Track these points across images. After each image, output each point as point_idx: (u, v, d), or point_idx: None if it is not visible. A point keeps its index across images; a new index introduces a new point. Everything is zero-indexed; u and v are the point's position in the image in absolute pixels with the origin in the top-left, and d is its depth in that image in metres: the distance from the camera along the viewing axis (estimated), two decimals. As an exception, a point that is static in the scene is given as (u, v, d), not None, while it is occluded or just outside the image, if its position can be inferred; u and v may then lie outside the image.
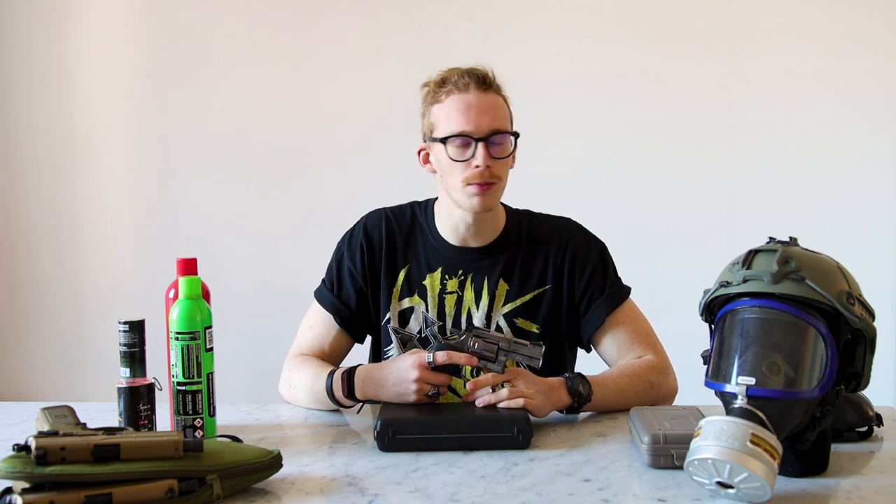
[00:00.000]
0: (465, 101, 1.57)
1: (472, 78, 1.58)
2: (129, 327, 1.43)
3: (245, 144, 3.11)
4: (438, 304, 1.67)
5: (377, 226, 1.72)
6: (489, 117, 1.56)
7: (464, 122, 1.56)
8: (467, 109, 1.56)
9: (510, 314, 1.67)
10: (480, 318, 1.66)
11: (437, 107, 1.60)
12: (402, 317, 1.69)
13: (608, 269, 1.72)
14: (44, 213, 3.18)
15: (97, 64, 3.14)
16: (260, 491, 1.19)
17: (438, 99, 1.60)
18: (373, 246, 1.70)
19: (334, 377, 1.53)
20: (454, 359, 1.43)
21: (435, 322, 1.67)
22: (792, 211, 2.98)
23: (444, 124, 1.58)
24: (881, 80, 2.95)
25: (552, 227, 1.73)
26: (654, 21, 3.00)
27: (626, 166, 3.02)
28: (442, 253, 1.68)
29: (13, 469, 1.05)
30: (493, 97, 1.59)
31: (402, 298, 1.69)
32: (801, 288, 1.16)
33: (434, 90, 1.61)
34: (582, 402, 1.50)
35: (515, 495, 1.17)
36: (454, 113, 1.57)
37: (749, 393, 1.12)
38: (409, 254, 1.70)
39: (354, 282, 1.70)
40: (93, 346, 3.16)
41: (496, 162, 1.57)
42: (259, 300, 3.10)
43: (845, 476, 1.22)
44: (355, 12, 3.05)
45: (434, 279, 1.68)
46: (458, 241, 1.68)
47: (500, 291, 1.67)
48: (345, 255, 1.72)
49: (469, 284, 1.67)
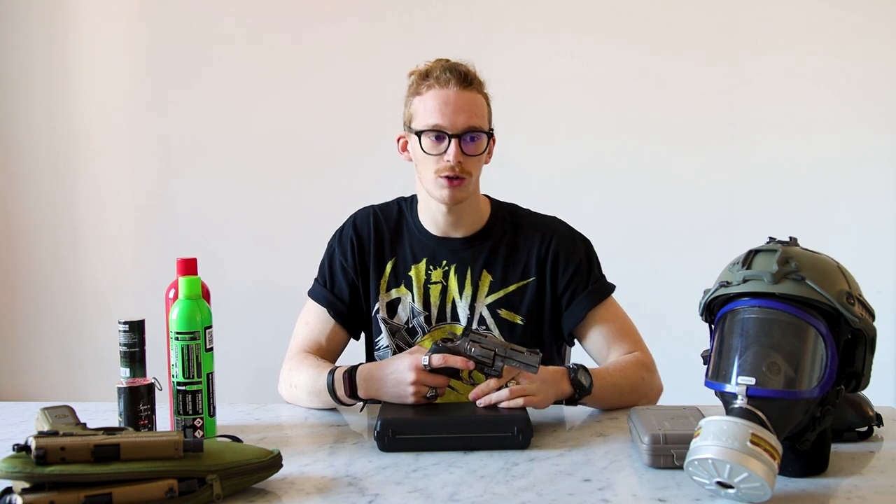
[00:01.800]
0: (444, 96, 1.61)
1: (454, 74, 1.61)
2: (129, 327, 1.43)
3: (245, 144, 3.11)
4: (424, 294, 1.70)
5: (366, 221, 1.76)
6: (465, 115, 1.60)
7: (439, 117, 1.60)
8: (444, 105, 1.60)
9: (493, 305, 1.69)
10: (464, 309, 1.68)
11: (418, 99, 1.64)
12: (390, 307, 1.72)
13: (592, 265, 1.73)
14: (44, 213, 3.18)
15: (97, 64, 3.14)
16: (260, 491, 1.19)
17: (419, 91, 1.64)
18: (362, 240, 1.74)
19: (335, 375, 1.53)
20: (450, 362, 1.44)
21: (421, 312, 1.70)
22: (792, 211, 2.98)
23: (422, 117, 1.63)
24: (881, 80, 2.95)
25: (537, 222, 1.75)
26: (655, 21, 3.00)
27: (626, 166, 3.02)
28: (426, 244, 1.72)
29: (13, 469, 1.05)
30: (473, 95, 1.63)
31: (389, 289, 1.72)
32: (801, 288, 1.16)
33: (417, 81, 1.65)
34: (583, 393, 1.51)
35: (515, 495, 1.17)
36: (432, 107, 1.61)
37: (749, 393, 1.12)
38: (396, 246, 1.74)
39: (346, 275, 1.73)
40: (93, 346, 3.16)
41: (468, 158, 1.61)
42: (259, 300, 3.10)
43: (845, 476, 1.22)
44: (355, 12, 3.06)
45: (419, 270, 1.71)
46: (440, 231, 1.71)
47: (483, 282, 1.70)
48: (336, 251, 1.76)
49: (453, 274, 1.70)
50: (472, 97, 1.62)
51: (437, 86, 1.61)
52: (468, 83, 1.62)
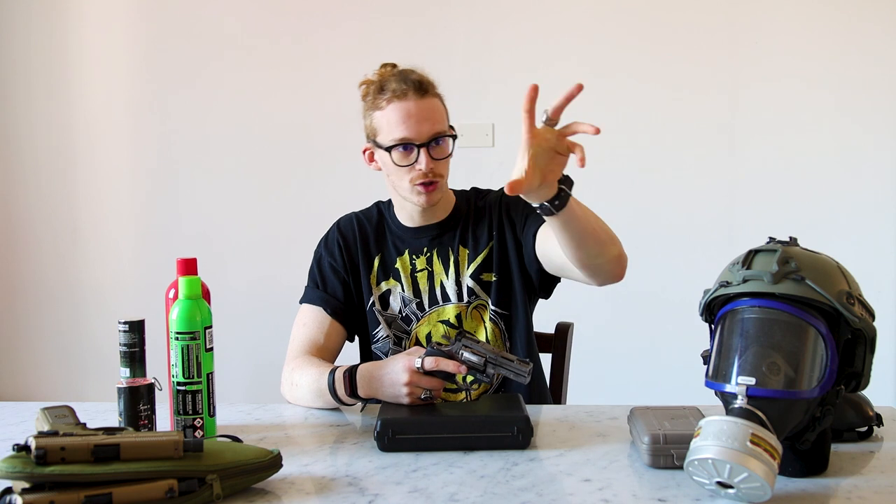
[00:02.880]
0: (405, 109, 1.65)
1: (410, 84, 1.66)
2: (129, 327, 1.43)
3: (245, 145, 3.12)
4: (412, 282, 1.77)
5: (349, 225, 1.83)
6: (429, 123, 1.66)
7: (405, 130, 1.65)
8: (407, 117, 1.65)
9: (475, 273, 1.76)
10: (452, 286, 1.75)
11: (379, 113, 1.69)
12: (383, 300, 1.78)
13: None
14: (44, 213, 3.19)
15: (97, 64, 3.14)
16: (260, 491, 1.19)
17: (379, 105, 1.68)
18: (347, 241, 1.81)
19: (336, 375, 1.54)
20: (443, 366, 1.46)
21: (412, 300, 1.76)
22: (792, 211, 2.98)
23: (387, 132, 1.68)
24: (881, 82, 2.96)
25: (494, 195, 1.83)
26: (655, 24, 3.01)
27: (626, 167, 3.03)
28: (405, 238, 1.80)
29: (13, 469, 1.05)
30: (430, 101, 1.68)
31: (379, 283, 1.78)
32: (801, 288, 1.16)
33: (374, 96, 1.69)
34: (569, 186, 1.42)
35: (515, 495, 1.17)
36: (395, 121, 1.66)
37: (749, 393, 1.12)
38: (380, 243, 1.81)
39: (337, 274, 1.79)
40: (93, 346, 3.17)
41: (438, 162, 1.68)
42: (259, 300, 3.11)
43: (845, 476, 1.22)
44: (356, 14, 3.06)
45: (404, 261, 1.78)
46: (415, 224, 1.79)
47: (462, 257, 1.77)
48: (323, 254, 1.82)
49: (436, 258, 1.78)
50: (430, 103, 1.68)
51: (395, 99, 1.66)
52: (424, 91, 1.67)
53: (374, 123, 1.71)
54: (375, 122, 1.71)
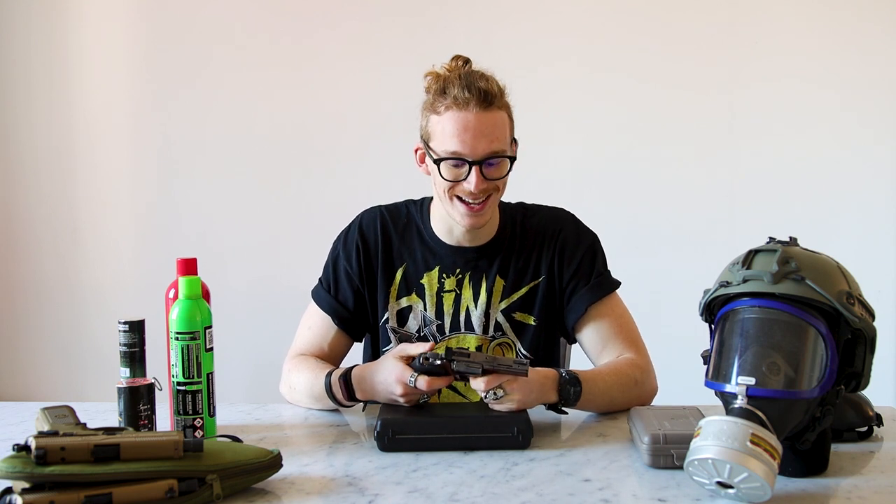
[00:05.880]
0: (463, 120, 1.51)
1: (474, 93, 1.51)
2: (129, 327, 1.43)
3: (245, 145, 3.11)
4: (437, 302, 1.66)
5: (372, 224, 1.70)
6: (486, 140, 1.52)
7: (458, 144, 1.51)
8: (464, 131, 1.51)
9: (507, 309, 1.66)
10: (479, 316, 1.65)
11: (436, 118, 1.55)
12: (400, 316, 1.68)
13: (596, 259, 1.69)
14: (44, 213, 3.18)
15: (97, 64, 3.14)
16: (260, 491, 1.19)
17: (437, 109, 1.54)
18: (368, 245, 1.69)
19: (332, 378, 1.53)
20: (436, 385, 1.40)
21: (434, 321, 1.66)
22: (792, 211, 2.98)
23: (440, 141, 1.54)
24: (881, 81, 2.95)
25: (545, 219, 1.71)
26: (655, 23, 3.00)
27: (626, 167, 3.02)
28: (438, 252, 1.67)
29: (13, 469, 1.05)
30: (494, 115, 1.53)
31: (399, 297, 1.68)
32: (801, 288, 1.16)
33: (435, 97, 1.56)
34: (567, 404, 1.48)
35: (515, 495, 1.17)
36: (451, 132, 1.52)
37: (749, 393, 1.12)
38: (406, 252, 1.68)
39: (351, 282, 1.69)
40: (93, 346, 3.16)
41: (490, 183, 1.55)
42: (259, 300, 3.10)
43: (845, 476, 1.22)
44: (356, 14, 3.06)
45: (432, 278, 1.67)
46: (453, 241, 1.67)
47: (497, 288, 1.66)
48: (340, 255, 1.71)
49: (467, 283, 1.66)
50: (492, 118, 1.52)
51: (454, 107, 1.51)
52: (489, 103, 1.51)
53: (430, 127, 1.56)
54: (431, 125, 1.56)
